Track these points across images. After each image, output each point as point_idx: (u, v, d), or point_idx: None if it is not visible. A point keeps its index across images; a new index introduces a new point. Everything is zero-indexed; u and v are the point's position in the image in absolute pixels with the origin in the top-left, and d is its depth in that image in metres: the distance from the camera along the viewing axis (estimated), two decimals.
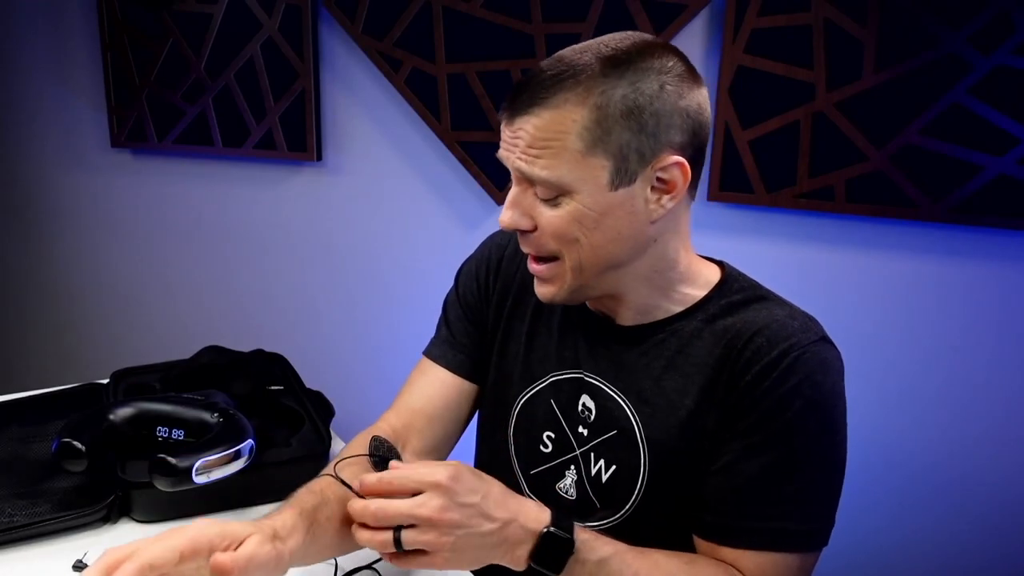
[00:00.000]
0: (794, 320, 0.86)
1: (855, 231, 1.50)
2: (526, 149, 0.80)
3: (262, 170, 2.02)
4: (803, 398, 0.82)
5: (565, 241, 0.84)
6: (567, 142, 0.79)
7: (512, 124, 0.82)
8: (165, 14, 1.96)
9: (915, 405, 1.52)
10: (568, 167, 0.80)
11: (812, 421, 0.83)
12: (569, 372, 0.95)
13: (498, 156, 0.85)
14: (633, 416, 0.90)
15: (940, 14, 1.35)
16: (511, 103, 0.82)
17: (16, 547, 0.96)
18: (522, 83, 0.82)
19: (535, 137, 0.80)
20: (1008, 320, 1.43)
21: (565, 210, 0.82)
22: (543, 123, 0.79)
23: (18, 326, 2.45)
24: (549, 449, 0.96)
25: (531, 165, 0.80)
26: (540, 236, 0.84)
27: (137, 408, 1.08)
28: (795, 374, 0.82)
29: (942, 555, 1.55)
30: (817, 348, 0.84)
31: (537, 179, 0.81)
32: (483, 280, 1.05)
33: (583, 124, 0.79)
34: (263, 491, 1.08)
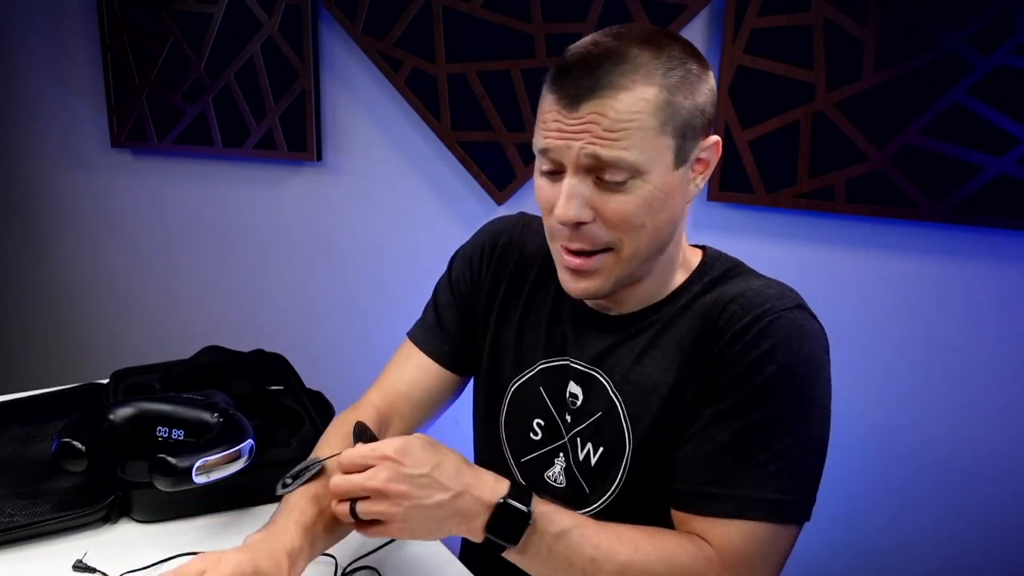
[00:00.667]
0: (770, 288, 0.86)
1: (855, 231, 1.50)
2: (603, 133, 0.78)
3: (262, 170, 2.02)
4: (776, 363, 0.81)
5: (629, 228, 0.82)
6: (644, 121, 0.78)
7: (577, 111, 0.78)
8: (165, 14, 1.96)
9: (915, 405, 1.52)
10: (644, 147, 0.79)
11: (786, 388, 0.81)
12: (556, 359, 0.96)
13: (546, 147, 0.81)
14: (616, 397, 0.90)
15: (940, 14, 1.35)
16: (570, 91, 0.79)
17: (16, 547, 0.96)
18: (571, 70, 0.79)
19: (614, 119, 0.77)
20: (1008, 320, 1.43)
21: (636, 194, 0.80)
22: (621, 104, 0.77)
23: (18, 326, 2.45)
24: (539, 437, 0.97)
25: (610, 148, 0.78)
26: (598, 227, 0.82)
27: (137, 408, 1.08)
28: (768, 339, 0.81)
29: (942, 555, 1.55)
30: (793, 314, 0.83)
31: (617, 162, 0.78)
32: (476, 268, 1.05)
33: (655, 103, 0.78)
34: (263, 491, 1.08)
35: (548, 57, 1.63)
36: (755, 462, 0.81)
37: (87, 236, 2.27)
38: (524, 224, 1.06)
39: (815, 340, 0.84)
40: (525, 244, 1.03)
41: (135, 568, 0.93)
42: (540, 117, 0.83)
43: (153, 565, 0.94)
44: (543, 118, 0.82)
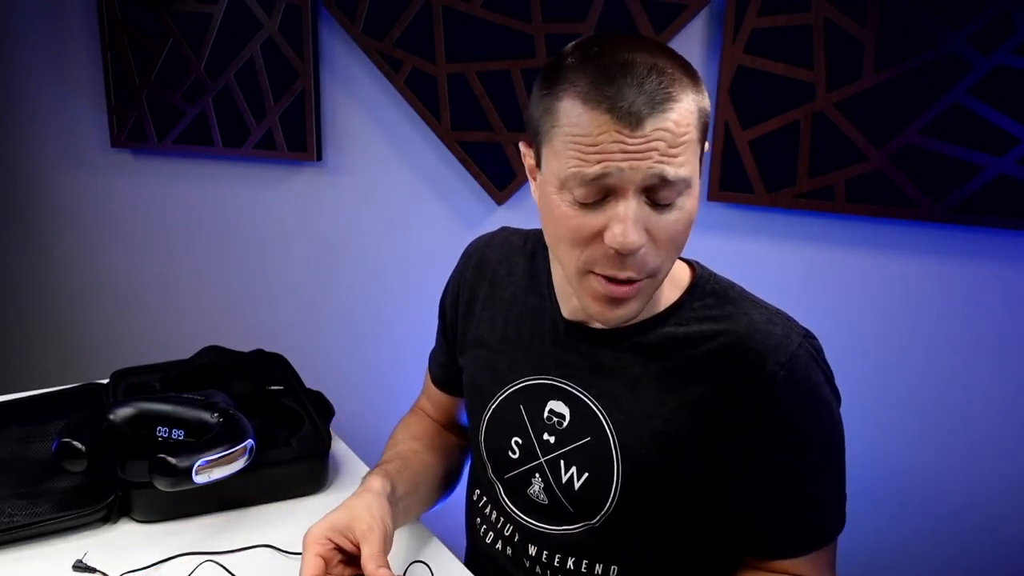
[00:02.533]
0: (775, 326, 0.85)
1: (855, 231, 1.50)
2: (667, 151, 0.73)
3: (262, 170, 2.02)
4: (807, 402, 0.84)
5: (674, 248, 0.79)
6: (692, 134, 0.76)
7: (642, 129, 0.72)
8: (165, 14, 1.96)
9: (915, 405, 1.52)
10: (693, 161, 0.77)
11: (818, 421, 0.86)
12: (539, 378, 0.94)
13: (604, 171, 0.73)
14: (607, 422, 0.89)
15: (940, 14, 1.35)
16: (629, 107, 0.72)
17: (16, 547, 0.96)
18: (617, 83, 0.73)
19: (675, 135, 0.73)
20: (1008, 320, 1.43)
21: (684, 211, 0.77)
22: (678, 118, 0.74)
23: (18, 326, 2.45)
24: (516, 456, 0.96)
25: (674, 167, 0.74)
26: (649, 250, 0.77)
27: (137, 408, 1.08)
28: (794, 384, 0.83)
29: (942, 555, 1.55)
30: (804, 350, 0.85)
31: (680, 180, 0.75)
32: (455, 291, 1.07)
33: (696, 114, 0.76)
34: (263, 491, 1.09)
35: (548, 57, 1.63)
36: (814, 496, 0.88)
37: (87, 236, 2.27)
38: (503, 239, 1.06)
39: (822, 360, 0.88)
40: (503, 260, 1.03)
41: (135, 568, 0.93)
42: (576, 134, 0.74)
43: (153, 565, 0.94)
44: (588, 139, 0.73)
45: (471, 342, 1.03)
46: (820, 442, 0.87)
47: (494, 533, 1.01)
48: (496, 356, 0.99)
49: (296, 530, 1.02)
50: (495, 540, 1.01)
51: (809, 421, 0.85)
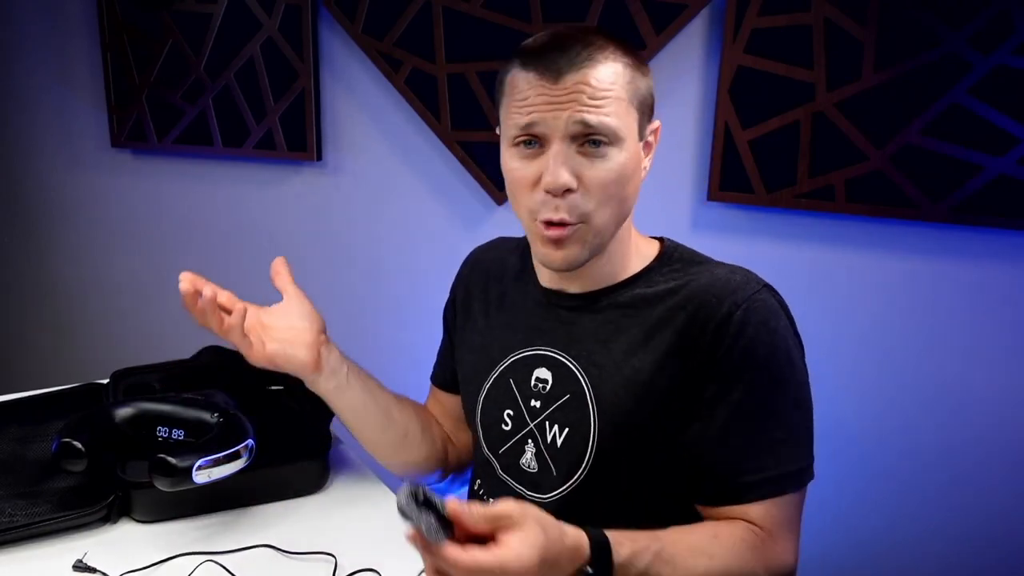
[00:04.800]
0: (735, 275, 0.91)
1: (855, 231, 1.50)
2: (588, 101, 0.83)
3: (262, 170, 2.02)
4: (764, 345, 0.87)
5: (605, 197, 0.87)
6: (618, 92, 0.85)
7: (563, 81, 0.84)
8: (165, 14, 1.96)
9: (914, 404, 1.52)
10: (620, 115, 0.85)
11: (776, 366, 0.88)
12: (525, 350, 0.99)
13: (530, 122, 0.85)
14: (583, 378, 0.93)
15: (940, 14, 1.35)
16: (551, 66, 0.84)
17: (16, 547, 0.96)
18: (544, 50, 0.85)
19: (597, 88, 0.83)
20: (1008, 320, 1.43)
21: (614, 162, 0.86)
22: (601, 74, 0.84)
23: (18, 326, 2.45)
24: (508, 427, 1.00)
25: (595, 114, 0.83)
26: (580, 195, 0.86)
27: (137, 408, 1.08)
28: (750, 325, 0.87)
29: (941, 556, 1.55)
30: (763, 296, 0.89)
31: (602, 127, 0.84)
32: (454, 294, 1.14)
33: (624, 78, 0.85)
34: (263, 491, 1.08)
35: None
36: (773, 440, 0.88)
37: (87, 236, 2.27)
38: (499, 243, 1.14)
39: (784, 312, 0.91)
40: (497, 260, 1.10)
41: (135, 568, 0.93)
42: (515, 97, 0.86)
43: (153, 565, 0.94)
44: (522, 96, 0.86)
45: (469, 337, 1.08)
46: (775, 383, 0.88)
47: None
48: (488, 343, 1.04)
49: (296, 530, 1.02)
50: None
51: (764, 361, 0.87)
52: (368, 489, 1.14)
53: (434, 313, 1.17)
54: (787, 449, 0.89)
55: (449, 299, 1.16)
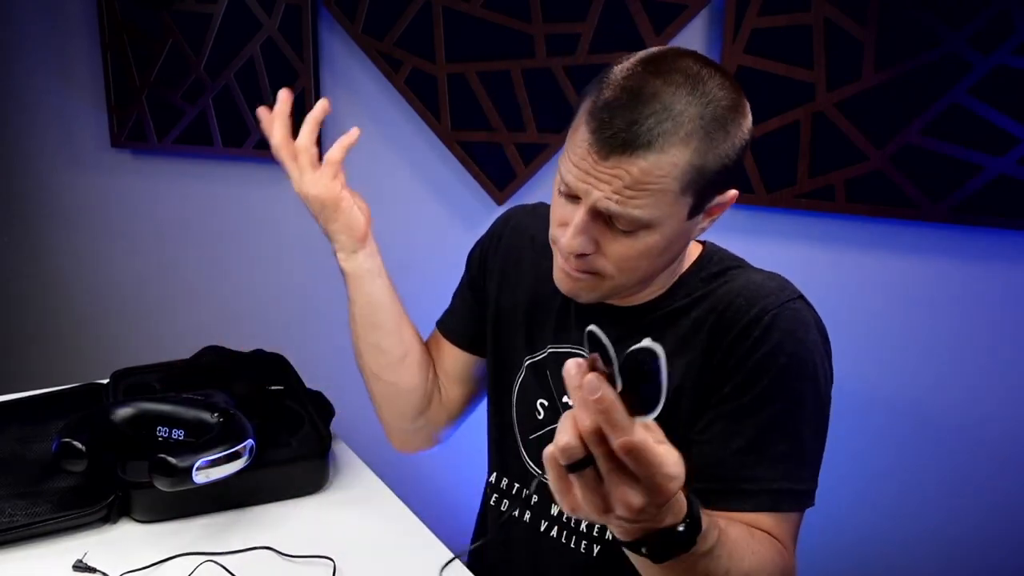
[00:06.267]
0: (771, 281, 0.89)
1: (855, 231, 1.50)
2: (622, 190, 0.78)
3: (262, 170, 2.02)
4: (787, 355, 0.84)
5: (627, 269, 0.84)
6: (666, 184, 0.78)
7: (607, 161, 0.78)
8: (165, 14, 1.96)
9: (915, 405, 1.52)
10: (660, 206, 0.79)
11: (796, 377, 0.85)
12: (565, 346, 0.99)
13: (568, 181, 0.81)
14: None
15: (940, 14, 1.35)
16: (606, 137, 0.77)
17: (16, 547, 0.96)
18: (615, 109, 0.77)
19: (637, 180, 0.77)
20: (1008, 320, 1.43)
21: (642, 242, 0.82)
22: (648, 166, 0.77)
23: (18, 326, 2.45)
24: (541, 416, 1.00)
25: (623, 206, 0.78)
26: (599, 259, 0.84)
27: (137, 408, 1.08)
28: (776, 331, 0.84)
29: (943, 554, 1.55)
30: (795, 305, 0.86)
31: (627, 220, 0.80)
32: (486, 250, 1.11)
33: (683, 169, 0.78)
34: (263, 491, 1.08)
35: (548, 57, 1.63)
36: (779, 453, 0.85)
37: (87, 236, 2.27)
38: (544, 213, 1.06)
39: (816, 327, 0.88)
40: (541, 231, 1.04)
41: (135, 568, 0.93)
42: (572, 145, 0.81)
43: (153, 565, 0.94)
44: (575, 150, 0.80)
45: (505, 307, 1.06)
46: (792, 395, 0.85)
47: (509, 501, 1.04)
48: (529, 321, 1.03)
49: (296, 530, 1.02)
50: (513, 508, 1.04)
51: (782, 373, 0.84)
52: (368, 489, 1.14)
53: (434, 312, 1.17)
54: (791, 466, 0.85)
55: (478, 252, 1.12)
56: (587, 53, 1.60)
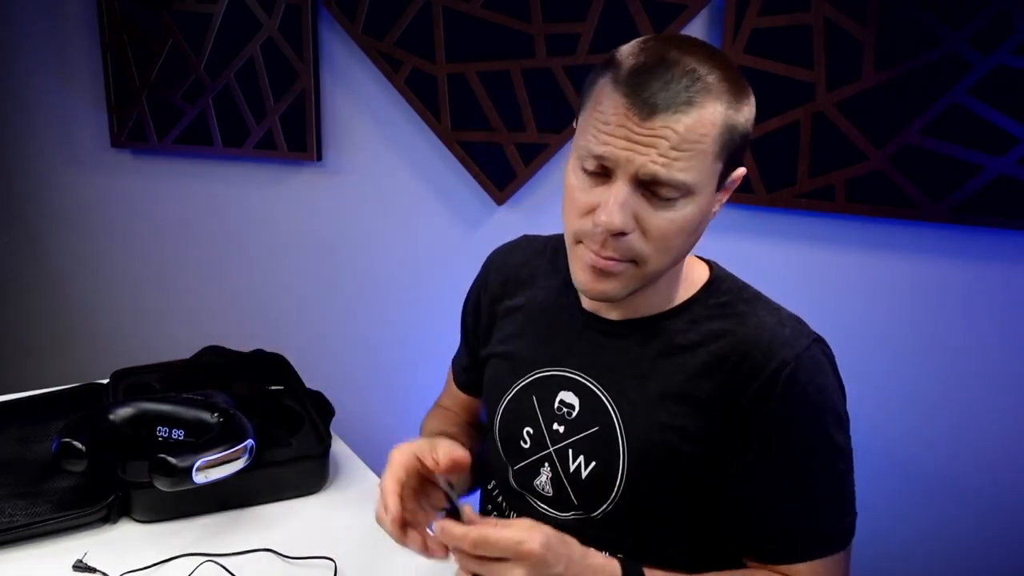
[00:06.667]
0: (784, 327, 0.86)
1: (855, 231, 1.50)
2: (668, 151, 0.75)
3: (262, 170, 2.02)
4: (811, 404, 0.84)
5: (664, 246, 0.81)
6: (706, 145, 0.77)
7: (650, 121, 0.75)
8: (165, 14, 1.96)
9: (915, 405, 1.52)
10: (700, 170, 0.78)
11: (820, 423, 0.85)
12: (551, 369, 0.96)
13: (604, 153, 0.77)
14: (614, 413, 0.90)
15: (940, 14, 1.35)
16: (646, 98, 0.75)
17: (16, 547, 0.96)
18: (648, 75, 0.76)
19: (683, 138, 0.75)
20: (1009, 320, 1.43)
21: (680, 213, 0.79)
22: (692, 123, 0.75)
23: (18, 326, 2.45)
24: (527, 445, 0.97)
25: (669, 168, 0.76)
26: (636, 239, 0.80)
27: (137, 408, 1.08)
28: (798, 384, 0.83)
29: (944, 557, 1.55)
30: (812, 352, 0.85)
31: (672, 182, 0.77)
32: (476, 296, 1.09)
33: (719, 128, 0.77)
34: (263, 491, 1.09)
35: (548, 57, 1.63)
36: (820, 500, 0.86)
37: (87, 236, 2.27)
38: (524, 245, 1.09)
39: (831, 366, 0.87)
40: (525, 263, 1.05)
41: (135, 568, 0.93)
42: (598, 118, 0.78)
43: (153, 565, 0.94)
44: (605, 119, 0.77)
45: (496, 343, 1.04)
46: (821, 446, 0.86)
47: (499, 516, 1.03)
48: (516, 351, 1.00)
49: (296, 531, 1.02)
50: None
51: (811, 423, 0.84)
52: (368, 489, 1.14)
53: (434, 312, 1.17)
54: (835, 507, 0.87)
55: (469, 302, 1.11)
56: (587, 53, 1.60)
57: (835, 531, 0.87)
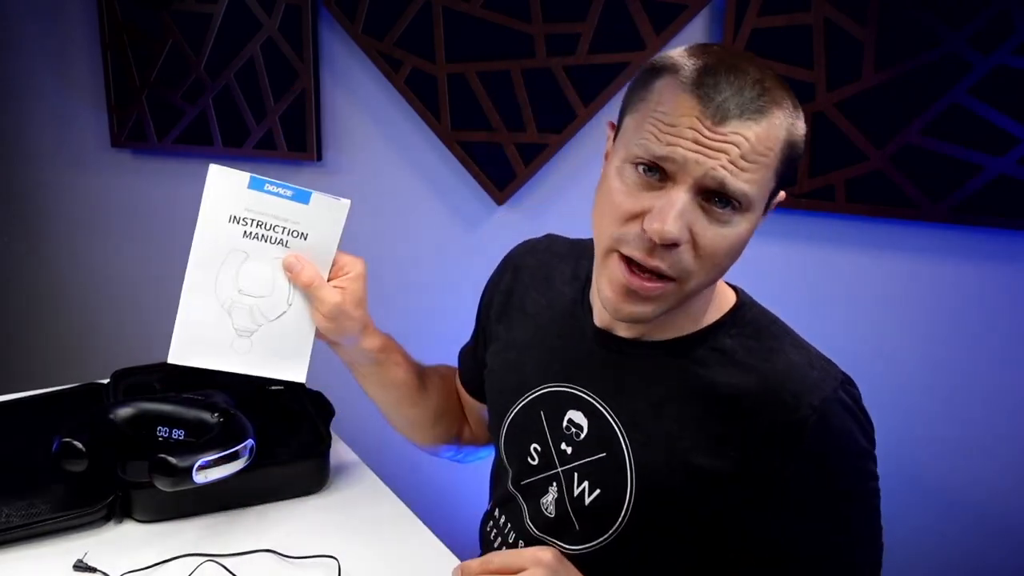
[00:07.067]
0: (813, 369, 0.81)
1: (855, 231, 1.50)
2: (738, 159, 0.72)
3: (262, 170, 2.00)
4: (837, 451, 0.81)
5: (712, 264, 0.76)
6: (771, 159, 0.74)
7: (723, 126, 0.71)
8: (165, 14, 1.96)
9: (915, 405, 1.52)
10: (762, 184, 0.74)
11: (848, 471, 0.82)
12: (561, 385, 0.91)
13: (670, 155, 0.72)
14: (624, 440, 0.85)
15: (940, 14, 1.35)
16: (719, 102, 0.71)
17: (16, 547, 0.96)
18: (720, 78, 0.72)
19: (753, 148, 0.72)
20: (1008, 320, 1.43)
21: (734, 230, 0.75)
22: (763, 133, 0.73)
23: (18, 326, 2.45)
24: (535, 462, 0.94)
25: (736, 177, 0.72)
26: (686, 252, 0.75)
27: (137, 408, 1.08)
28: (826, 432, 0.79)
29: (942, 556, 1.55)
30: (839, 396, 0.80)
31: (737, 193, 0.73)
32: (491, 292, 1.06)
33: (783, 143, 0.75)
34: (263, 491, 1.09)
35: (548, 57, 1.63)
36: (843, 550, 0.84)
37: (87, 236, 2.27)
38: (546, 246, 1.04)
39: (859, 411, 0.83)
40: (543, 265, 1.01)
41: (135, 568, 0.93)
42: (659, 112, 0.73)
43: (154, 565, 0.94)
44: (668, 118, 0.73)
45: (503, 345, 1.01)
46: (849, 493, 0.82)
47: (502, 538, 1.00)
48: (523, 359, 0.97)
49: (296, 531, 1.02)
50: (501, 545, 1.00)
51: (839, 471, 0.81)
52: (368, 489, 1.14)
53: (434, 312, 1.17)
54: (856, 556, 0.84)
55: (484, 297, 1.07)
56: (587, 53, 1.60)
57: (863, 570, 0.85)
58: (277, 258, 0.94)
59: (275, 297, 0.95)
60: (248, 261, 0.95)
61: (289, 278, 0.94)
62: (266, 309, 0.95)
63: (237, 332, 0.96)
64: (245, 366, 0.96)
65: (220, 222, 0.94)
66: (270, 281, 0.94)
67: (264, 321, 0.95)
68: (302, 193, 0.94)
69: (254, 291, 0.95)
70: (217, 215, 0.94)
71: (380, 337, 1.01)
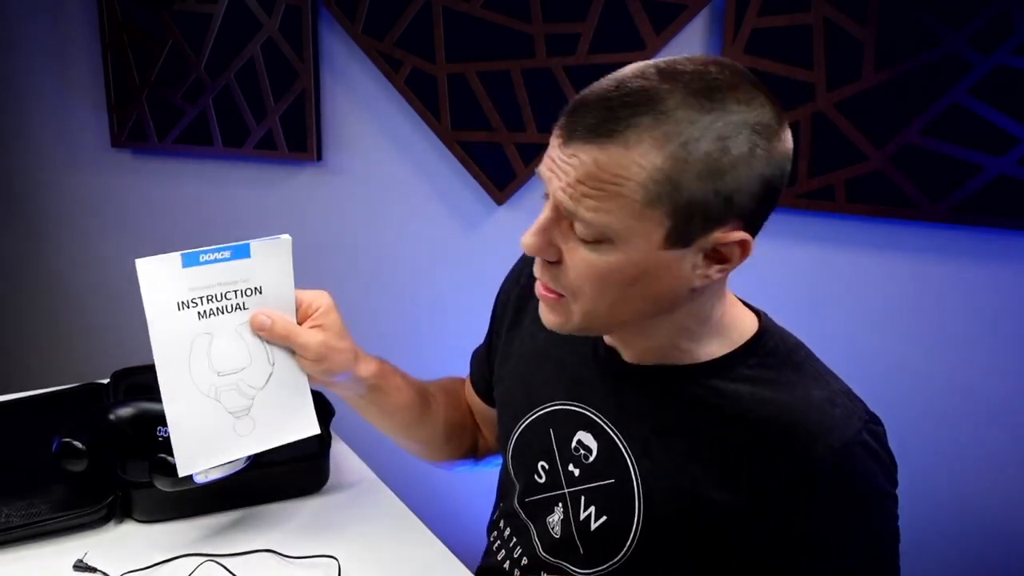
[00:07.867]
0: (835, 407, 0.77)
1: (855, 231, 1.50)
2: (574, 183, 0.68)
3: (262, 170, 2.02)
4: (854, 496, 0.78)
5: (590, 287, 0.73)
6: (626, 189, 0.67)
7: (567, 147, 0.69)
8: (165, 14, 1.96)
9: (914, 405, 1.52)
10: (619, 216, 0.68)
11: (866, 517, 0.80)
12: (571, 404, 0.89)
13: (538, 172, 0.73)
14: (633, 468, 0.83)
15: (940, 14, 1.35)
16: (569, 122, 0.69)
17: (16, 547, 0.96)
18: (587, 99, 0.70)
19: (590, 174, 0.67)
20: (1008, 320, 1.43)
21: (603, 258, 0.71)
22: (606, 160, 0.67)
23: (18, 326, 2.45)
24: (542, 480, 0.92)
25: (576, 202, 0.69)
26: (564, 273, 0.74)
27: (137, 408, 1.08)
28: (844, 474, 0.76)
29: (938, 555, 1.54)
30: (863, 438, 0.77)
31: (579, 219, 0.70)
32: (504, 296, 1.03)
33: (651, 174, 0.67)
34: (263, 491, 1.08)
35: (548, 57, 1.63)
36: None
37: (87, 236, 2.27)
38: None
39: (882, 452, 0.80)
40: None
41: (135, 568, 0.93)
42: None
43: (154, 565, 0.94)
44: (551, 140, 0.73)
45: (514, 353, 0.99)
46: (865, 540, 0.80)
47: (505, 552, 0.98)
48: (533, 371, 0.95)
49: (296, 531, 1.02)
50: (505, 559, 0.98)
51: (856, 516, 0.78)
52: (368, 489, 1.14)
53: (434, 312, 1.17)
54: None
55: (500, 296, 1.04)
56: (587, 53, 1.60)
57: None
58: (243, 324, 0.88)
59: (256, 363, 0.89)
60: (215, 340, 0.88)
61: (263, 337, 0.89)
62: (252, 379, 0.89)
63: (234, 416, 0.89)
64: (257, 444, 0.91)
65: (170, 314, 0.87)
66: (245, 350, 0.88)
67: (254, 392, 0.89)
68: (240, 248, 0.90)
69: (233, 367, 0.88)
70: (164, 308, 0.87)
71: (374, 362, 0.98)
